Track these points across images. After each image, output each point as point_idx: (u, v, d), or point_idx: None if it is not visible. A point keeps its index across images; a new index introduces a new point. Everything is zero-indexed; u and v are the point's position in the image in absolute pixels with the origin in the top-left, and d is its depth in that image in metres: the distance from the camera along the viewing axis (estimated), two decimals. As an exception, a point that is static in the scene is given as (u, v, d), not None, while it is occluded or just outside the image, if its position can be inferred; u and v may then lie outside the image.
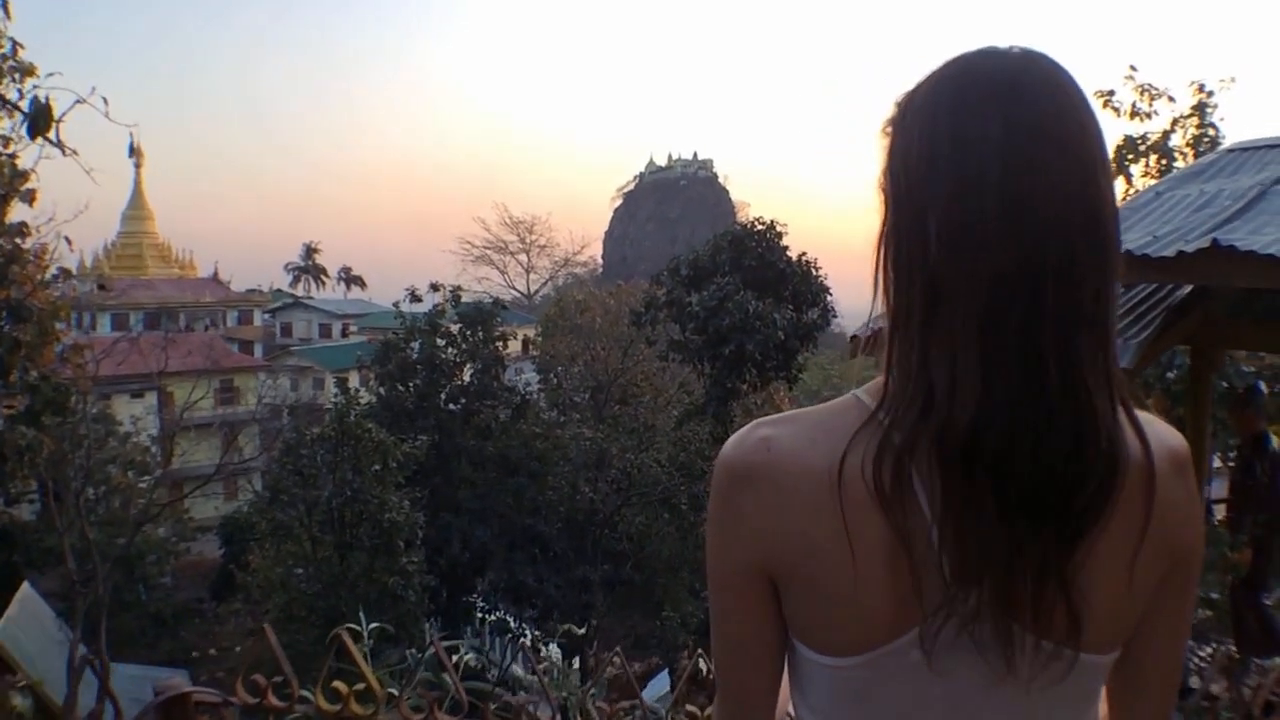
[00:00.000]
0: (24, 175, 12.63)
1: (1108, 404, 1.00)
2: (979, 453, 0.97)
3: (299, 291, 78.84)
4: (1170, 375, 9.58)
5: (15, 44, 12.07)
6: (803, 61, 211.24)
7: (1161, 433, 1.11)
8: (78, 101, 4.59)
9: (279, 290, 75.96)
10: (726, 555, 1.14)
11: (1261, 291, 5.17)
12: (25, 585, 18.39)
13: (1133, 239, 4.67)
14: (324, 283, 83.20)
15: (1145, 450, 1.04)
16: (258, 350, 57.53)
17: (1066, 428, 0.97)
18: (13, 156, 12.28)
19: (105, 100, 4.73)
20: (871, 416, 1.05)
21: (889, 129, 1.09)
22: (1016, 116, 0.99)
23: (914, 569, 1.01)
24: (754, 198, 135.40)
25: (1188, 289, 5.18)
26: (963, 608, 1.00)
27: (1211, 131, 13.38)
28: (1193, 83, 13.83)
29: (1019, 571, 0.99)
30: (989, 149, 0.98)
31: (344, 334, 62.50)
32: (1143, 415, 1.07)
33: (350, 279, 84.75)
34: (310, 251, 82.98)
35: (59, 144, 4.67)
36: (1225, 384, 8.91)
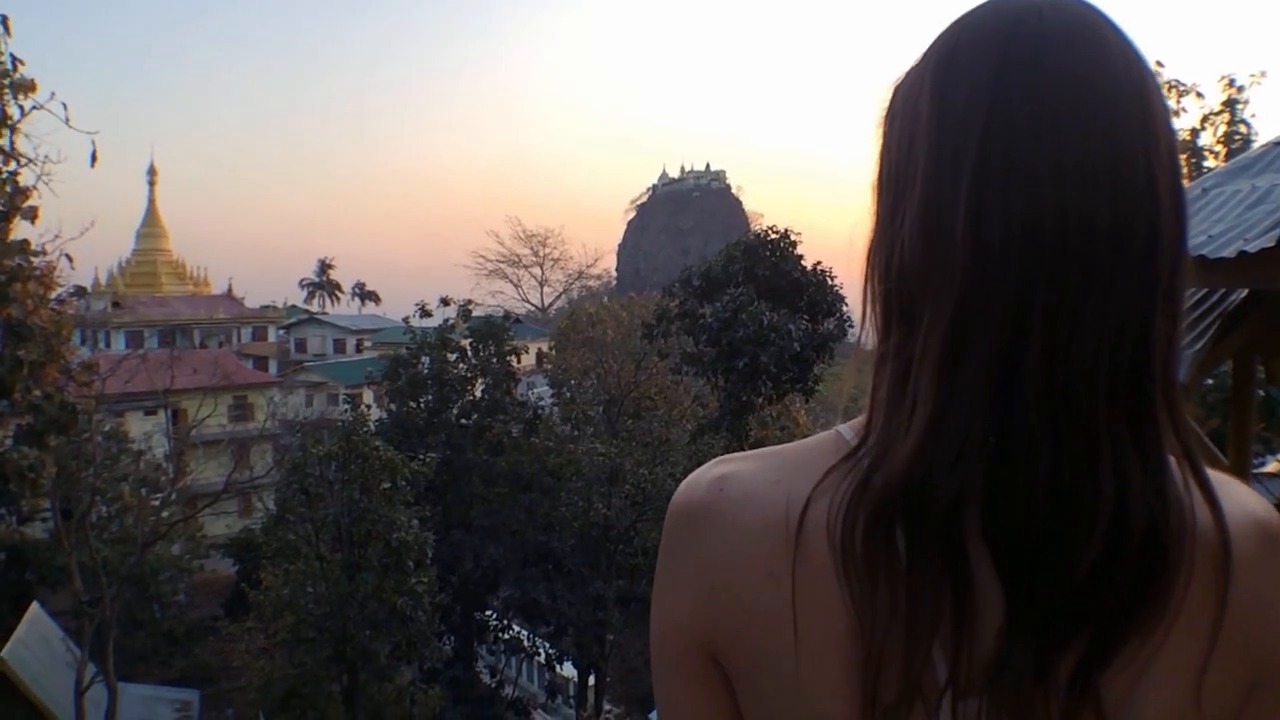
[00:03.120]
0: (24, 192, 12.37)
1: (1140, 461, 0.74)
2: (929, 514, 0.75)
3: (314, 307, 79.12)
4: (1208, 382, 9.18)
5: (15, 60, 11.91)
6: (819, 67, 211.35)
7: (1243, 499, 0.83)
8: (35, 108, 4.31)
9: (293, 306, 76.27)
10: (667, 620, 0.91)
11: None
12: (34, 605, 18.35)
13: (1183, 239, 4.30)
14: (339, 298, 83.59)
15: (1218, 523, 0.77)
16: (272, 366, 57.61)
17: (1044, 485, 0.73)
18: (14, 173, 12.06)
19: (65, 106, 4.45)
20: (851, 454, 0.82)
21: (883, 119, 0.87)
22: (1015, 64, 0.75)
23: (869, 660, 0.77)
24: (768, 207, 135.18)
25: (1243, 294, 4.81)
26: None
27: (1243, 128, 13.11)
28: (1222, 78, 13.63)
29: (1031, 684, 0.74)
30: (974, 110, 0.75)
31: (358, 349, 62.66)
32: (1217, 476, 0.80)
33: (365, 294, 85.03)
34: (325, 267, 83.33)
35: (12, 151, 4.39)
36: (1261, 393, 8.52)
